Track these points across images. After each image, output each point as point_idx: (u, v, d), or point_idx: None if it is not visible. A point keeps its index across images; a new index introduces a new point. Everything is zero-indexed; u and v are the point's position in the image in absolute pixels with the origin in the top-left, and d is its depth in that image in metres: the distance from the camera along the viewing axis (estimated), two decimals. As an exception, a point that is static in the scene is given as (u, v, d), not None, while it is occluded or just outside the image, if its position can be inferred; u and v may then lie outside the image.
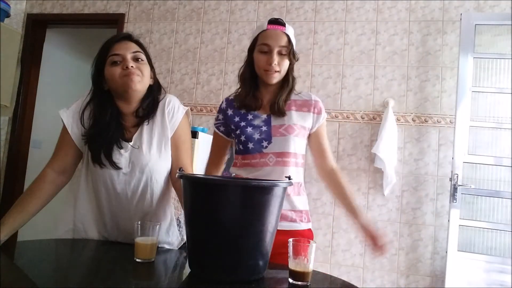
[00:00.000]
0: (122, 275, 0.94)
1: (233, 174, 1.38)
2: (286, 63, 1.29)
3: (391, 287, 2.50)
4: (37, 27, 3.35)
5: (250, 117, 1.33)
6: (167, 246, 1.26)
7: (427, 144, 2.58)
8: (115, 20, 3.16)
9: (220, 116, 1.39)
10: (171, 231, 1.30)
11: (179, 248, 1.29)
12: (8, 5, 3.02)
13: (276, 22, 1.29)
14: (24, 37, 3.27)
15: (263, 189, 0.88)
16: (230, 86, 2.91)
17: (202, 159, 2.49)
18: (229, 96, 1.41)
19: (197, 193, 0.90)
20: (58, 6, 3.30)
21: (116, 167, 1.17)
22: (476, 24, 2.45)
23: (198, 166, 2.37)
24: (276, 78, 1.29)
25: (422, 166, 2.57)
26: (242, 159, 1.35)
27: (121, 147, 1.18)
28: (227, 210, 0.87)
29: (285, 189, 0.93)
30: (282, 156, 1.28)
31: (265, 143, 1.29)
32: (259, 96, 1.34)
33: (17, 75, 3.16)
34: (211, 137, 1.36)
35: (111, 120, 1.19)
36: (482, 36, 2.53)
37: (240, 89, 1.37)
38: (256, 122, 1.32)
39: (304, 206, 1.34)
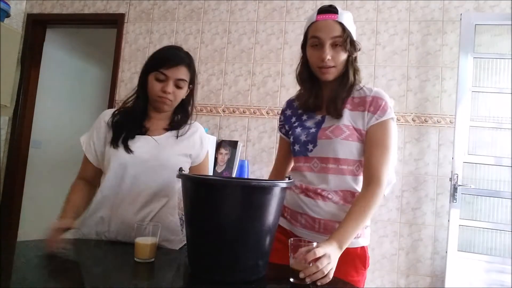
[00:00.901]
0: (122, 275, 0.94)
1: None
2: (341, 55, 1.11)
3: (391, 287, 2.50)
4: (37, 27, 3.35)
5: (304, 117, 1.21)
6: (167, 245, 1.26)
7: (427, 144, 2.58)
8: (115, 20, 3.16)
9: (282, 117, 1.32)
10: (175, 231, 1.30)
11: (179, 248, 1.29)
12: (8, 5, 3.02)
13: (326, 10, 1.12)
14: (24, 37, 3.27)
15: (263, 189, 0.88)
16: (230, 86, 2.91)
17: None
18: (291, 96, 1.31)
19: (197, 193, 0.90)
20: (58, 6, 3.30)
21: (129, 151, 1.23)
22: (476, 24, 2.45)
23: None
24: (332, 74, 1.13)
25: (422, 166, 2.57)
26: (295, 162, 1.24)
27: (134, 138, 1.26)
28: (227, 210, 0.87)
29: (285, 189, 0.93)
30: (326, 162, 1.12)
31: (310, 146, 1.14)
32: (321, 96, 1.20)
33: (17, 75, 3.16)
34: (211, 137, 1.39)
35: (137, 117, 1.29)
36: (482, 36, 2.53)
37: (301, 90, 1.25)
38: (309, 123, 1.19)
39: None
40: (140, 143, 1.25)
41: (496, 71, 2.50)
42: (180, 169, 1.01)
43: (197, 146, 1.34)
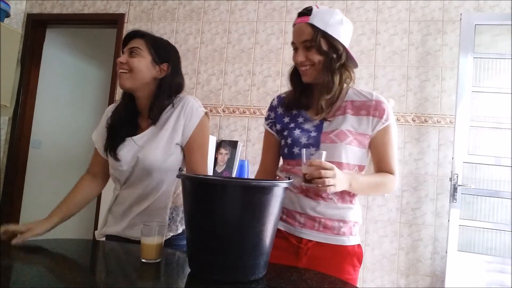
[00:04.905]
0: (121, 275, 0.94)
1: (277, 178, 1.28)
2: (315, 57, 1.11)
3: (391, 287, 2.50)
4: (37, 27, 3.35)
5: (300, 119, 1.20)
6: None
7: (427, 144, 2.58)
8: (115, 20, 3.16)
9: (272, 115, 1.27)
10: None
11: (180, 249, 1.29)
12: (8, 5, 3.02)
13: (300, 13, 1.13)
14: (24, 37, 3.27)
15: (263, 189, 0.88)
16: (230, 86, 2.91)
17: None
18: (282, 93, 1.30)
19: (197, 193, 0.90)
20: (58, 6, 3.30)
21: (116, 159, 1.23)
22: (476, 24, 2.45)
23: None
24: (309, 76, 1.15)
25: (422, 166, 2.57)
26: (287, 164, 1.22)
27: (125, 141, 1.25)
28: (227, 210, 0.87)
29: (285, 189, 0.93)
30: None
31: (312, 150, 1.14)
32: (311, 94, 1.21)
33: (17, 75, 3.16)
34: (211, 137, 1.32)
35: (126, 116, 1.27)
36: (482, 36, 2.53)
37: (292, 88, 1.26)
38: (307, 126, 1.18)
39: (354, 217, 1.18)
40: (126, 148, 1.24)
41: (496, 71, 2.50)
42: (180, 169, 1.01)
43: (181, 129, 1.24)
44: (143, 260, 0.98)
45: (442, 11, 2.66)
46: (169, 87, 1.27)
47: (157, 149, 1.22)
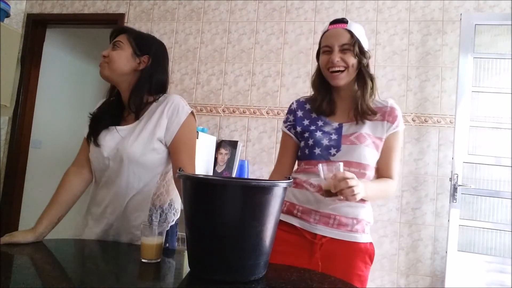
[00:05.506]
0: (121, 275, 0.94)
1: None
2: (351, 59, 1.20)
3: (391, 287, 2.50)
4: (37, 27, 3.35)
5: (320, 123, 1.27)
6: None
7: (427, 144, 2.58)
8: (115, 20, 3.16)
9: (291, 118, 1.33)
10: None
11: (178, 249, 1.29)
12: (8, 5, 3.02)
13: (337, 21, 1.24)
14: (24, 37, 3.27)
15: (263, 189, 0.88)
16: (230, 86, 2.91)
17: (201, 159, 2.49)
18: (300, 98, 1.37)
19: (197, 193, 0.90)
20: (58, 6, 3.30)
21: (97, 144, 1.25)
22: (476, 24, 2.45)
23: (197, 167, 2.37)
24: (342, 79, 1.22)
25: (422, 166, 2.57)
26: (305, 165, 1.26)
27: (108, 129, 1.27)
28: (227, 210, 0.87)
29: (285, 189, 0.93)
30: (349, 165, 1.18)
31: (333, 151, 1.20)
32: (333, 102, 1.28)
33: (17, 75, 3.16)
34: (211, 137, 1.32)
35: (111, 107, 1.31)
36: (482, 36, 2.53)
37: (314, 94, 1.32)
38: (327, 128, 1.25)
39: (367, 216, 1.24)
40: (108, 136, 1.26)
41: (496, 71, 2.50)
42: (180, 169, 1.01)
43: (164, 124, 1.23)
44: (143, 260, 0.98)
45: (442, 11, 2.66)
46: (149, 80, 1.28)
47: (138, 141, 1.22)
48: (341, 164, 1.07)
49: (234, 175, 2.59)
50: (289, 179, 0.97)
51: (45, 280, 0.86)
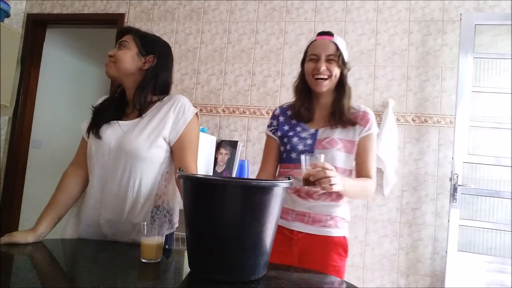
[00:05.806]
0: (121, 275, 0.94)
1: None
2: (335, 69, 1.30)
3: (391, 287, 2.50)
4: (37, 27, 3.35)
5: (298, 129, 1.36)
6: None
7: (427, 144, 2.58)
8: (115, 20, 3.16)
9: (274, 122, 1.42)
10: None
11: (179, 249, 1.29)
12: (8, 5, 3.02)
13: (324, 33, 1.34)
14: (24, 37, 3.27)
15: (263, 189, 0.88)
16: (230, 86, 2.91)
17: (201, 159, 2.49)
18: (283, 104, 1.46)
19: (197, 193, 0.90)
20: (58, 6, 3.30)
21: (99, 137, 1.25)
22: (476, 24, 2.45)
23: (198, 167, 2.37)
24: (325, 86, 1.30)
25: (422, 166, 2.57)
26: (284, 168, 1.37)
27: (110, 123, 1.27)
28: (227, 210, 0.87)
29: (285, 189, 0.93)
30: None
31: (310, 154, 1.27)
32: (312, 109, 1.37)
33: (17, 75, 3.16)
34: (211, 137, 1.34)
35: (114, 103, 1.33)
36: (482, 36, 2.53)
37: (295, 100, 1.40)
38: (304, 134, 1.34)
39: (341, 214, 1.33)
40: (110, 130, 1.26)
41: (496, 71, 2.50)
42: (180, 169, 1.01)
43: (170, 123, 1.24)
44: (143, 260, 0.98)
45: (442, 11, 2.66)
46: (154, 79, 1.30)
47: (140, 136, 1.22)
48: (322, 155, 1.13)
49: (234, 175, 2.59)
50: (289, 178, 0.97)
51: (45, 280, 0.86)
